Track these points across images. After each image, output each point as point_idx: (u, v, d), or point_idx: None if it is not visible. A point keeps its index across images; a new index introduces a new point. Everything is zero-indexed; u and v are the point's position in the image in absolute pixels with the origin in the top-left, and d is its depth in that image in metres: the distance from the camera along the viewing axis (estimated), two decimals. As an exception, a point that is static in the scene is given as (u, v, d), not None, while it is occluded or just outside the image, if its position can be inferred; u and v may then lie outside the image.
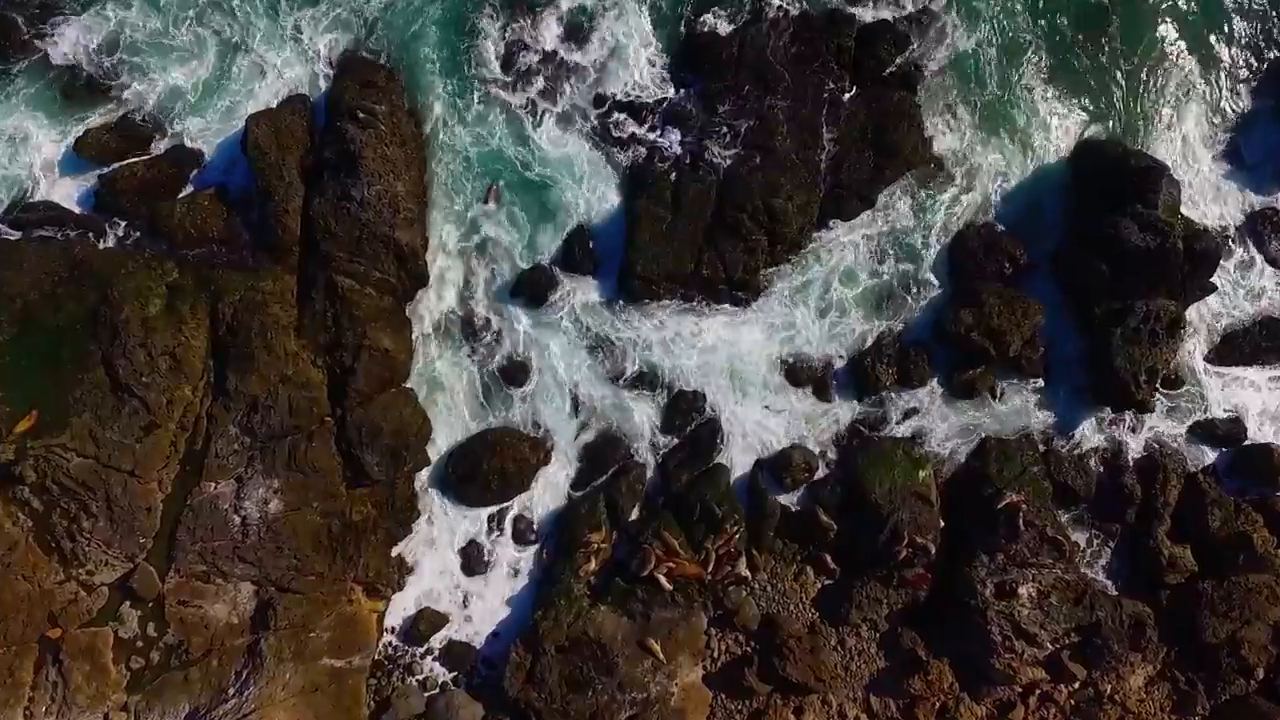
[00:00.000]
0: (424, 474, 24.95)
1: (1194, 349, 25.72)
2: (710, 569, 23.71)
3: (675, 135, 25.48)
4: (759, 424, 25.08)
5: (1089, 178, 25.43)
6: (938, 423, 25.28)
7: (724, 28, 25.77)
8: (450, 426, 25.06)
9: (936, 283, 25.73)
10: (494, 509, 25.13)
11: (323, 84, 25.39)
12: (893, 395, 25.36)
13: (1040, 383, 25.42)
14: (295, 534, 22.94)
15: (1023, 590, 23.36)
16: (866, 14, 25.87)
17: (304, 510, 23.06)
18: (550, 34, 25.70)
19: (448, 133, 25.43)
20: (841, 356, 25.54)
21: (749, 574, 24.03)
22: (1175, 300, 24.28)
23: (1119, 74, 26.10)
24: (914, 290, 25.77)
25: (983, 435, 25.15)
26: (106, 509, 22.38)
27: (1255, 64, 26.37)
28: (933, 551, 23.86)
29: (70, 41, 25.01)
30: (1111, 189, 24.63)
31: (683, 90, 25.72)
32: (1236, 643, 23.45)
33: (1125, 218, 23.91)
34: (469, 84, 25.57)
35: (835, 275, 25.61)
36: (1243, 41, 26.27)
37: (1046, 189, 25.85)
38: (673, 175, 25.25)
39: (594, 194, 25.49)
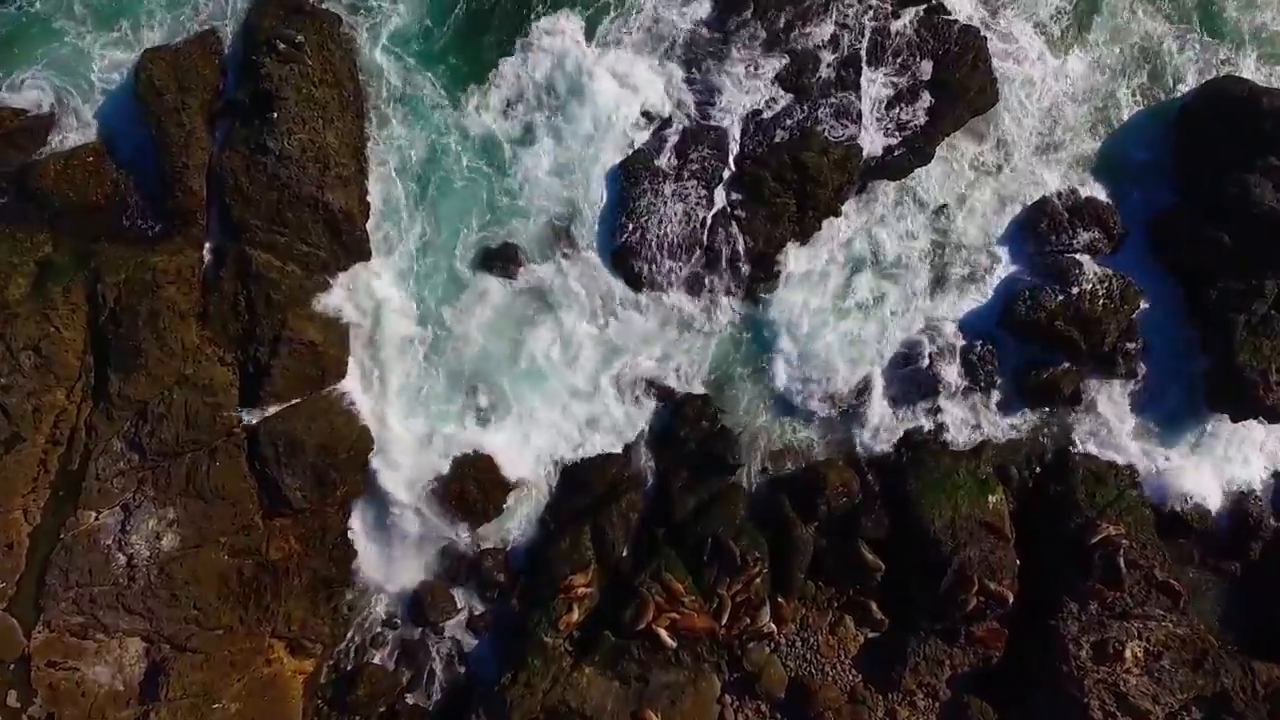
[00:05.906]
0: (362, 500, 21.73)
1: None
2: (724, 621, 20.87)
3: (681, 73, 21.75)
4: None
5: (1204, 123, 21.71)
6: (1010, 434, 21.97)
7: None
8: (396, 440, 21.64)
9: (1008, 259, 22.24)
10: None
11: (237, 12, 21.50)
12: (953, 399, 21.89)
13: (1138, 383, 22.02)
14: (195, 577, 20.26)
15: (1128, 651, 19.60)
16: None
17: (207, 547, 20.41)
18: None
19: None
20: (887, 352, 22.12)
21: (773, 627, 21.18)
22: (1315, 280, 21.03)
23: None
24: (980, 268, 22.24)
25: (1066, 450, 21.85)
26: (-43, 545, 19.55)
27: None
28: (1010, 600, 20.21)
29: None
30: (1233, 137, 21.02)
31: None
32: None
33: (1254, 174, 20.78)
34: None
35: (879, 248, 22.21)
36: None
37: (1147, 138, 22.22)
38: (680, 124, 21.79)
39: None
